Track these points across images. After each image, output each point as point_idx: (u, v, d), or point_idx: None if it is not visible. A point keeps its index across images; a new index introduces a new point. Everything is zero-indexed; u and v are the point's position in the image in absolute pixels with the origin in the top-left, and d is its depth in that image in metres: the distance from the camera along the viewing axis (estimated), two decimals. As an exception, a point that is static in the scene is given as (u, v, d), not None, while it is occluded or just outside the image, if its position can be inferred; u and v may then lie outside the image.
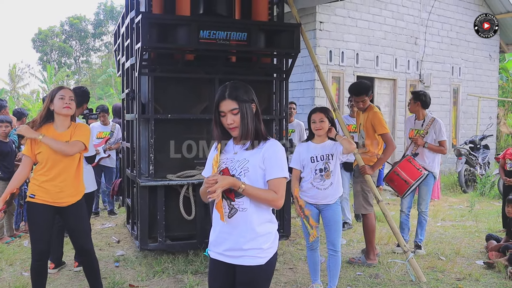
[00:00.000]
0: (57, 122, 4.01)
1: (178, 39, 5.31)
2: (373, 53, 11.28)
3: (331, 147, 4.40)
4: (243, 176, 2.55)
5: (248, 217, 2.56)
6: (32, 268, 4.07)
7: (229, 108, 2.56)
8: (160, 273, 5.20)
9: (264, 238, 2.58)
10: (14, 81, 48.34)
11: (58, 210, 4.06)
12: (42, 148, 3.93)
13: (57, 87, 4.09)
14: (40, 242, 4.02)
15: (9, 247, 6.26)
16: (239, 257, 2.56)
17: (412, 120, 6.17)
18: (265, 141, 2.65)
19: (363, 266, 5.41)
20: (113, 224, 7.69)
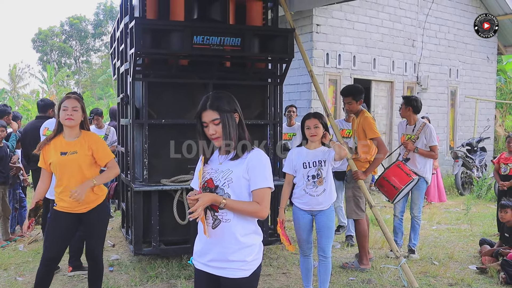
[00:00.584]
0: (65, 131, 4.04)
1: (172, 45, 5.32)
2: (370, 55, 11.29)
3: (323, 153, 4.40)
4: (227, 187, 2.57)
5: (232, 228, 2.56)
6: (39, 272, 4.10)
7: (211, 118, 2.57)
8: (154, 278, 5.21)
9: (248, 249, 2.58)
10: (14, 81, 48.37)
11: (79, 217, 4.10)
12: (51, 159, 3.98)
13: (65, 96, 4.13)
14: (52, 249, 4.07)
15: (4, 252, 6.28)
16: (223, 269, 2.57)
17: (404, 125, 6.20)
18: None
19: (356, 271, 5.43)
20: (109, 228, 7.69)
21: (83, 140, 4.07)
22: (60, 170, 3.99)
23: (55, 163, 3.97)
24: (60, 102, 4.02)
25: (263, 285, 5.02)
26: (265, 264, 5.74)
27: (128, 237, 6.03)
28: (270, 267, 5.65)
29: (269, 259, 5.95)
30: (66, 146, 4.00)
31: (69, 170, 3.98)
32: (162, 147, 5.63)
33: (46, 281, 4.13)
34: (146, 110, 5.47)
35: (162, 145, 5.63)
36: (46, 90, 35.52)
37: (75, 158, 3.98)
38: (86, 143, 4.06)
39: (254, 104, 6.10)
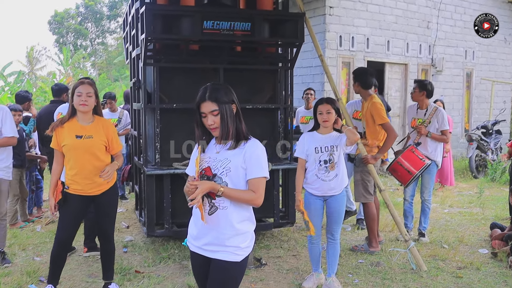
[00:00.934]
0: (79, 116, 4.14)
1: (182, 30, 5.35)
2: (384, 37, 11.20)
3: (336, 139, 4.40)
4: (225, 176, 2.65)
5: (228, 215, 2.65)
6: (53, 252, 4.24)
7: (209, 109, 2.64)
8: (166, 259, 5.33)
9: (243, 236, 2.69)
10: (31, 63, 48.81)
11: (92, 199, 4.22)
12: (66, 141, 4.07)
13: (78, 81, 4.19)
14: (65, 230, 4.20)
15: (23, 232, 6.45)
16: (217, 252, 2.67)
17: (414, 109, 6.17)
18: (246, 140, 2.73)
19: (366, 253, 5.49)
20: (124, 209, 7.85)
21: (98, 125, 4.18)
22: (75, 153, 4.09)
23: (69, 145, 4.07)
24: (74, 88, 4.10)
25: (273, 267, 5.11)
26: (276, 246, 5.83)
27: (141, 219, 6.15)
28: (281, 249, 5.74)
29: (279, 241, 6.03)
30: (81, 130, 4.10)
31: (84, 153, 4.08)
32: (174, 131, 5.71)
33: (61, 261, 4.28)
34: (158, 94, 5.53)
35: (174, 129, 5.70)
36: (63, 72, 35.81)
37: (91, 142, 4.09)
38: (103, 130, 4.18)
39: (265, 88, 6.13)
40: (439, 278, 4.79)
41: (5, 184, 5.18)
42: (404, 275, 4.85)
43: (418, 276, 4.81)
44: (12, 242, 5.89)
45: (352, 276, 4.84)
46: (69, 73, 33.73)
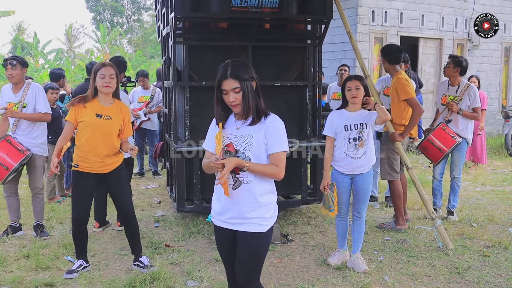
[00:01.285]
0: (101, 96, 4.27)
1: (211, 8, 5.41)
2: (418, 11, 10.94)
3: (365, 116, 4.38)
4: (248, 151, 2.73)
5: (251, 188, 2.74)
6: (72, 230, 4.44)
7: (231, 86, 2.70)
8: (196, 233, 5.48)
9: (266, 208, 2.78)
10: (70, 41, 49.72)
11: (101, 177, 4.36)
12: (85, 117, 4.21)
13: (99, 63, 4.28)
14: (80, 208, 4.35)
15: (60, 206, 6.71)
16: (242, 224, 2.77)
17: (445, 85, 6.04)
18: (266, 116, 2.80)
19: (392, 231, 5.50)
20: (156, 185, 8.05)
21: (117, 108, 4.31)
22: (92, 130, 4.21)
23: (88, 122, 4.20)
24: (96, 69, 4.20)
25: (299, 243, 5.20)
26: (303, 222, 5.91)
27: (172, 195, 6.31)
28: (308, 225, 5.81)
29: (307, 218, 6.10)
30: (101, 110, 4.23)
31: (101, 132, 4.22)
32: (203, 108, 5.79)
33: (82, 238, 4.45)
34: (187, 72, 5.62)
35: (203, 106, 5.79)
36: (100, 49, 36.37)
37: (109, 123, 4.23)
38: (121, 113, 4.32)
39: (293, 65, 6.13)
40: (465, 256, 4.78)
41: (40, 160, 5.40)
42: (429, 253, 4.86)
43: (444, 254, 4.82)
44: (50, 216, 6.15)
45: (377, 253, 4.88)
46: (106, 50, 34.28)
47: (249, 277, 2.84)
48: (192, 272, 4.37)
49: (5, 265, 4.53)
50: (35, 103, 5.25)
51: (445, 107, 5.92)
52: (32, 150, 5.22)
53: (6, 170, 5.04)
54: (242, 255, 2.81)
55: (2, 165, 5.02)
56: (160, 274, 4.19)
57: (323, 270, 4.48)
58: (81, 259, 4.42)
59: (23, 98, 5.22)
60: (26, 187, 6.60)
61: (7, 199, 5.43)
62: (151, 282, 4.12)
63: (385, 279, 4.25)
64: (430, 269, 4.46)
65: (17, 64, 5.18)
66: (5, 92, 5.34)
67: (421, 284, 4.17)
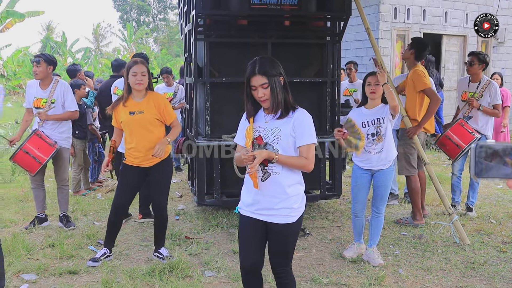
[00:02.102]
0: (134, 93, 4.42)
1: (231, 5, 5.52)
2: (441, 8, 10.87)
3: (381, 110, 4.43)
4: (276, 144, 2.85)
5: (280, 180, 2.85)
6: (109, 217, 4.61)
7: (260, 83, 2.82)
8: (215, 226, 5.60)
9: (294, 198, 2.89)
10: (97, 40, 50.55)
11: (146, 170, 4.52)
12: (122, 118, 4.38)
13: (131, 61, 4.44)
14: (121, 197, 4.54)
15: (85, 199, 6.91)
16: (272, 216, 2.88)
17: (466, 82, 6.03)
18: (293, 110, 2.91)
19: (410, 226, 5.53)
20: (178, 180, 8.21)
21: (149, 100, 4.43)
22: (129, 128, 4.39)
23: (124, 122, 4.38)
24: (128, 67, 4.36)
25: (316, 237, 5.27)
26: (321, 217, 5.98)
27: (192, 188, 6.44)
28: (326, 220, 5.88)
29: (325, 212, 6.17)
30: (134, 106, 4.38)
31: (137, 128, 4.37)
32: (223, 104, 5.91)
33: (116, 227, 4.62)
34: (208, 69, 5.73)
35: (223, 102, 5.90)
36: (126, 48, 36.92)
37: (142, 117, 4.36)
38: (153, 103, 4.42)
39: (312, 62, 6.19)
40: (482, 252, 4.79)
41: (66, 152, 5.60)
42: (446, 248, 4.89)
43: (460, 250, 4.83)
44: (75, 208, 6.35)
45: (393, 247, 4.92)
46: (133, 49, 34.78)
47: (282, 262, 2.99)
48: (210, 263, 4.49)
49: (31, 253, 4.73)
50: (63, 100, 5.44)
51: (466, 103, 5.91)
52: (59, 143, 5.41)
53: (39, 164, 5.24)
54: (274, 244, 2.95)
55: (35, 159, 5.22)
56: (179, 264, 4.32)
57: (338, 263, 4.55)
58: (106, 248, 4.59)
59: (51, 94, 5.41)
60: (53, 180, 6.81)
61: (34, 190, 5.64)
62: (170, 271, 4.25)
63: (400, 272, 4.30)
64: (445, 264, 4.49)
65: (42, 62, 5.36)
66: (32, 87, 5.54)
67: (435, 277, 4.20)
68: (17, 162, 5.30)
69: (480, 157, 1.12)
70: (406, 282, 4.11)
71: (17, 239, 4.98)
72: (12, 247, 4.73)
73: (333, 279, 4.16)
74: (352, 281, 4.13)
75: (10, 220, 5.79)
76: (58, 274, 4.26)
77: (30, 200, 6.65)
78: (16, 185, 7.75)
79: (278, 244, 2.95)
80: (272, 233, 2.93)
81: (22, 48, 27.49)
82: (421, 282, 4.13)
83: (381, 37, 9.96)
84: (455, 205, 6.05)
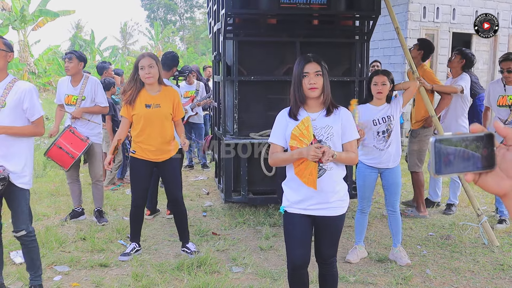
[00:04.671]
0: (147, 86, 4.46)
1: (260, 4, 5.57)
2: (472, 7, 10.72)
3: (390, 108, 4.43)
4: (329, 141, 2.96)
5: (333, 175, 2.97)
6: (131, 213, 4.71)
7: (315, 69, 2.93)
8: (242, 223, 5.65)
9: (343, 190, 3.04)
10: (125, 38, 51.21)
11: (156, 164, 4.59)
12: (136, 111, 4.42)
13: (139, 55, 4.51)
14: (137, 193, 4.62)
15: (114, 194, 7.04)
16: (326, 209, 2.98)
17: (500, 85, 5.58)
18: (336, 108, 3.03)
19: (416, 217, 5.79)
20: (205, 177, 8.29)
21: (165, 94, 4.48)
22: (144, 121, 4.42)
23: (140, 114, 4.40)
24: (137, 62, 4.41)
25: (343, 235, 5.19)
26: (347, 216, 5.93)
27: (220, 186, 6.52)
28: (352, 219, 5.84)
29: (352, 212, 6.15)
30: (150, 99, 4.42)
31: (152, 121, 4.42)
32: (251, 103, 5.96)
33: (138, 222, 4.71)
34: (237, 67, 5.79)
35: (251, 101, 5.96)
36: (153, 46, 37.30)
37: (158, 111, 4.42)
38: (169, 97, 4.48)
39: (341, 61, 6.20)
40: (511, 253, 4.74)
41: (98, 147, 5.72)
42: (474, 249, 4.85)
43: (489, 251, 4.79)
44: (105, 203, 6.45)
45: (421, 248, 4.90)
46: (159, 47, 35.12)
47: (333, 252, 3.17)
48: (237, 259, 4.55)
49: (64, 246, 4.85)
50: (94, 96, 5.56)
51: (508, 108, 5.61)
52: (90, 139, 5.52)
53: (72, 159, 5.37)
54: (327, 236, 3.08)
55: (68, 154, 5.35)
56: (207, 260, 4.39)
57: (365, 262, 4.56)
58: (134, 242, 4.68)
59: (82, 91, 5.53)
60: (83, 176, 6.96)
61: (70, 185, 5.78)
62: (198, 266, 4.32)
63: (427, 272, 4.29)
64: (474, 265, 4.46)
65: (74, 58, 5.48)
66: (63, 84, 5.66)
67: (463, 278, 4.18)
68: (51, 158, 5.43)
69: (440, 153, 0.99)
70: (434, 282, 4.10)
71: (49, 232, 5.13)
72: (45, 240, 4.87)
73: (359, 277, 4.17)
74: (379, 280, 4.13)
75: (42, 213, 5.95)
76: (90, 267, 4.37)
77: (61, 195, 6.81)
78: (48, 179, 7.94)
79: (331, 236, 3.08)
80: (325, 226, 3.04)
81: (53, 46, 28.01)
82: (449, 282, 4.11)
83: (409, 36, 9.87)
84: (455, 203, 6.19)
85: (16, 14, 22.02)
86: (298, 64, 2.99)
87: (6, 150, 3.46)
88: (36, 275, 3.75)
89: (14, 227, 3.61)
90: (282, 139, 3.03)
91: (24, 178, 3.54)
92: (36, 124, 3.60)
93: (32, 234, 3.66)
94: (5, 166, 3.43)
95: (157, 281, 4.05)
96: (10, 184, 3.46)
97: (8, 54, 3.52)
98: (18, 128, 3.51)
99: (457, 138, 0.99)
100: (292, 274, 3.15)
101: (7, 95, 3.45)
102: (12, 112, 3.47)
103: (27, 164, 3.57)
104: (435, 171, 1.00)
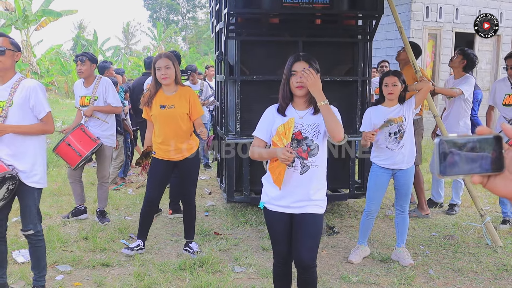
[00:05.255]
0: (164, 87, 4.48)
1: (263, 4, 5.56)
2: (475, 7, 10.70)
3: (403, 108, 4.39)
4: (316, 138, 2.95)
5: (317, 172, 2.96)
6: (142, 212, 4.71)
7: (302, 68, 2.90)
8: (244, 223, 5.65)
9: (324, 189, 3.03)
10: (127, 38, 51.26)
11: (175, 164, 4.60)
12: (153, 112, 4.45)
13: (156, 55, 4.51)
14: (152, 191, 4.63)
15: (116, 194, 7.04)
16: (305, 207, 2.96)
17: (507, 84, 5.53)
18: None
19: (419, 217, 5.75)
20: (207, 177, 8.29)
21: (181, 95, 4.48)
22: (159, 122, 4.45)
23: (155, 115, 4.43)
24: (154, 62, 4.42)
25: (345, 235, 5.27)
26: (350, 216, 5.97)
27: (222, 185, 6.51)
28: (354, 219, 5.86)
29: (354, 211, 6.16)
30: (165, 100, 4.43)
31: (167, 122, 4.43)
32: (253, 102, 5.94)
33: (148, 220, 4.72)
34: (239, 67, 5.77)
35: (253, 100, 5.94)
36: (156, 46, 37.33)
37: (173, 111, 4.41)
38: (184, 97, 4.47)
39: (343, 61, 6.18)
40: (515, 254, 4.73)
41: (109, 150, 5.71)
42: (477, 249, 4.83)
43: (492, 251, 4.77)
44: (107, 202, 6.46)
45: (423, 248, 4.89)
46: (162, 47, 35.15)
47: (314, 255, 3.06)
48: (239, 259, 4.54)
49: (66, 246, 4.85)
50: (106, 96, 5.56)
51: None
52: (102, 140, 5.51)
53: (79, 157, 5.35)
54: (307, 235, 2.99)
55: (76, 152, 5.33)
56: (209, 259, 4.38)
57: (367, 262, 4.54)
58: (140, 239, 4.69)
59: (94, 91, 5.53)
60: (85, 176, 6.96)
61: (72, 185, 5.78)
62: (200, 266, 4.31)
63: (430, 272, 4.27)
64: (477, 265, 4.44)
65: (86, 60, 5.48)
66: (77, 87, 5.69)
67: (467, 279, 4.16)
68: (59, 154, 5.41)
69: (444, 154, 0.98)
70: (437, 283, 4.09)
71: (52, 231, 5.13)
72: (48, 239, 4.85)
73: (362, 277, 4.16)
74: (381, 280, 4.12)
75: (45, 213, 5.92)
76: (92, 266, 4.36)
77: (63, 194, 6.81)
78: (50, 179, 7.93)
79: (311, 236, 2.98)
80: (306, 224, 2.97)
81: (56, 46, 28.03)
82: (452, 283, 4.09)
83: (412, 36, 9.85)
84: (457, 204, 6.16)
85: (19, 14, 22.04)
86: (288, 62, 3.00)
87: (15, 149, 3.46)
88: (40, 275, 3.75)
89: (23, 225, 3.64)
90: (266, 134, 3.04)
91: (35, 177, 3.53)
92: (45, 122, 3.56)
93: (39, 234, 3.67)
94: (15, 165, 3.43)
95: (159, 280, 4.04)
96: (21, 183, 3.46)
97: (15, 54, 3.51)
98: (27, 126, 3.49)
99: (462, 140, 0.99)
100: (276, 265, 3.20)
101: (14, 94, 3.44)
102: (20, 111, 3.45)
103: (38, 163, 3.55)
104: (439, 172, 0.99)
